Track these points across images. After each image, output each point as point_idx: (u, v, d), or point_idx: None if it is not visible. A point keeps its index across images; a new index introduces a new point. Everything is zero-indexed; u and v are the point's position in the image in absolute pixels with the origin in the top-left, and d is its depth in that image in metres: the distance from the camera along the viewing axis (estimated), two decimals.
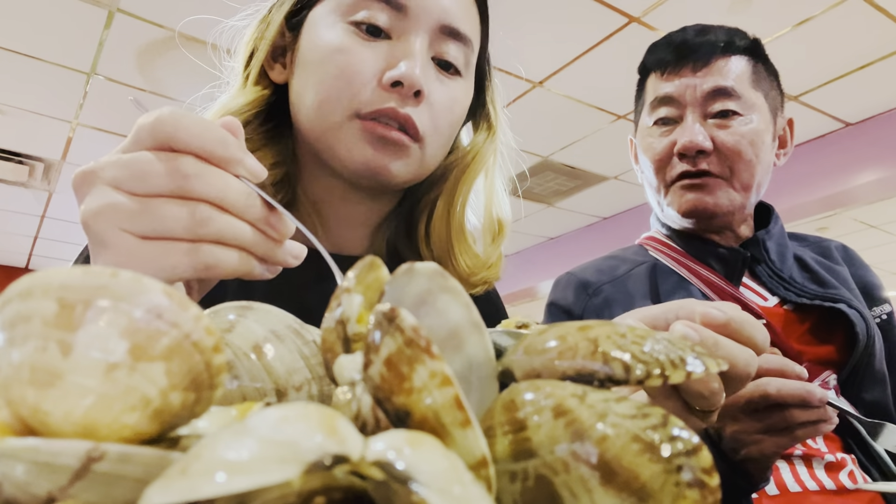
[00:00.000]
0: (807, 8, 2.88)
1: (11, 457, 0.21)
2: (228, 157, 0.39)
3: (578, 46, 3.16)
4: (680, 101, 0.95)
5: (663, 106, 0.97)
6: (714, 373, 0.27)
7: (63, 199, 4.59)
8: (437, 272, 0.32)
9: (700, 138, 0.92)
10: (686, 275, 0.97)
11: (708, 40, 0.95)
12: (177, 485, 0.17)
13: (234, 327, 0.37)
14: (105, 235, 0.37)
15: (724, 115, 0.94)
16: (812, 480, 0.81)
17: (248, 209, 0.40)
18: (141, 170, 0.37)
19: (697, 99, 0.94)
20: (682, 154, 0.94)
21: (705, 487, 0.22)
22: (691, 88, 0.94)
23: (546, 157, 4.33)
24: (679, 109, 0.96)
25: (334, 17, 0.63)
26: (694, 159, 0.94)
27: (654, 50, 1.02)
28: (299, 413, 0.20)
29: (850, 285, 0.98)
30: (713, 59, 0.94)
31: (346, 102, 0.61)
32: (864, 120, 3.95)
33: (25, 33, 2.89)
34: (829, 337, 0.91)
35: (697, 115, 0.94)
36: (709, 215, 0.96)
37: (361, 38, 0.62)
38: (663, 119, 0.98)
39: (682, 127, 0.95)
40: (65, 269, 0.24)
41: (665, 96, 0.96)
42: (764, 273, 0.96)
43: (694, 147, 0.92)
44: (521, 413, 0.26)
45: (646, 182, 1.03)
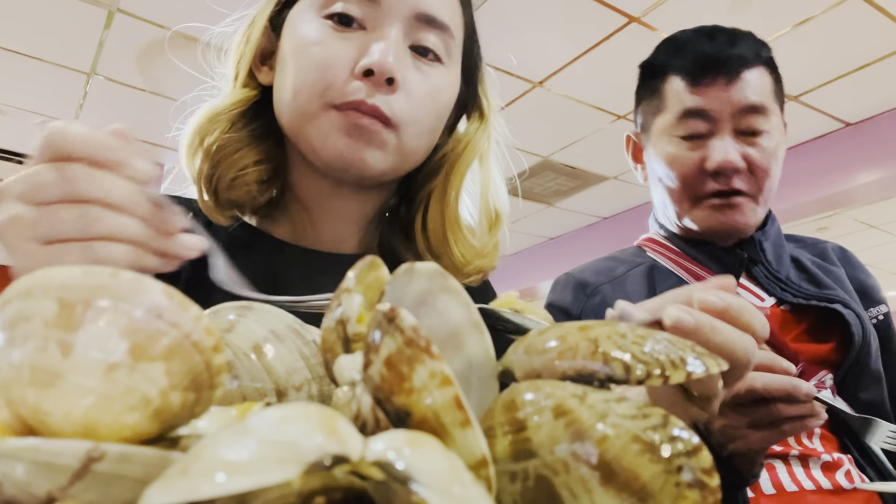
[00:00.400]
0: (807, 8, 2.88)
1: (11, 457, 0.21)
2: (115, 161, 0.41)
3: (578, 46, 3.16)
4: (712, 116, 0.92)
5: (694, 119, 0.93)
6: (714, 373, 0.27)
7: None
8: (437, 272, 0.32)
9: (735, 157, 0.90)
10: (684, 276, 0.97)
11: (740, 52, 0.92)
12: (177, 485, 0.17)
13: (234, 327, 0.37)
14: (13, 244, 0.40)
15: (753, 133, 0.92)
16: (809, 480, 0.81)
17: (134, 206, 0.42)
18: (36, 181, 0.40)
19: (730, 114, 0.91)
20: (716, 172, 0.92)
21: (705, 488, 0.23)
22: (726, 104, 0.91)
23: (546, 157, 4.33)
24: (710, 124, 0.93)
25: (310, 13, 0.64)
26: (727, 178, 0.92)
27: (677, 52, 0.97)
28: (299, 413, 0.20)
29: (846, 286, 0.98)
30: (743, 72, 0.92)
31: (319, 93, 0.61)
32: (864, 120, 3.95)
33: (25, 33, 2.89)
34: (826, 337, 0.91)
35: (729, 131, 0.92)
36: (737, 234, 0.96)
37: (335, 30, 0.62)
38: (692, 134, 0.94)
39: (716, 144, 0.92)
40: (65, 269, 0.24)
41: (696, 109, 0.93)
42: (760, 274, 0.96)
43: (731, 167, 0.90)
44: (521, 413, 0.26)
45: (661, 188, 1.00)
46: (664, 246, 1.03)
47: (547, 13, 2.90)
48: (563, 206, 5.18)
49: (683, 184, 0.95)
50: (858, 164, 3.93)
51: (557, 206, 5.17)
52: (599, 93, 3.57)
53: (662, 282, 0.98)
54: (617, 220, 5.34)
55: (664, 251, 1.02)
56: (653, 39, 3.24)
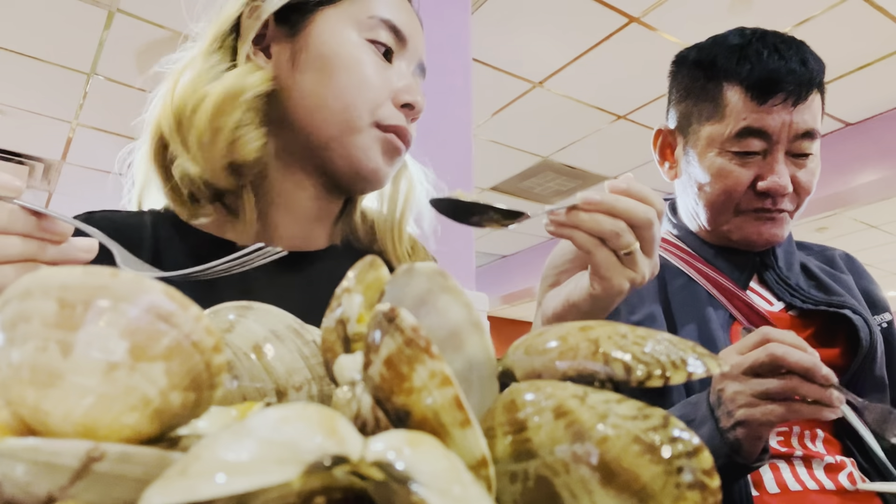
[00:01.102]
0: (807, 8, 2.88)
1: (11, 457, 0.21)
2: None
3: (578, 46, 3.16)
4: (772, 138, 0.90)
5: (752, 138, 0.91)
6: (715, 373, 0.27)
7: (63, 200, 4.59)
8: (437, 272, 0.32)
9: (787, 182, 0.90)
10: (694, 275, 0.97)
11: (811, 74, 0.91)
12: (177, 485, 0.17)
13: (234, 327, 0.37)
14: None
15: (804, 156, 0.92)
16: (812, 481, 0.81)
17: (12, 224, 0.43)
18: None
19: (788, 138, 0.90)
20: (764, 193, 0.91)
21: (706, 489, 0.22)
22: (787, 127, 0.89)
23: (546, 157, 4.34)
24: (766, 144, 0.91)
25: (350, 29, 0.68)
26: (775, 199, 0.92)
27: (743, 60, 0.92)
28: (299, 413, 0.20)
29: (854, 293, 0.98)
30: (810, 94, 0.90)
31: (369, 111, 0.67)
32: (864, 120, 3.95)
33: (25, 33, 2.89)
34: (833, 342, 0.92)
35: (783, 152, 0.91)
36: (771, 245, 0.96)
37: (379, 58, 0.69)
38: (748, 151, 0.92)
39: (770, 165, 0.90)
40: (64, 269, 0.24)
41: (759, 129, 0.90)
42: (771, 279, 0.97)
43: (783, 192, 0.90)
44: (521, 413, 0.26)
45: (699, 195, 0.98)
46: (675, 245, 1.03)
47: (547, 13, 2.90)
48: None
49: (728, 197, 0.94)
50: (858, 164, 3.93)
51: None
52: (599, 93, 3.57)
53: (672, 280, 0.97)
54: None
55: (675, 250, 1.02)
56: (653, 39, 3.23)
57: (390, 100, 0.68)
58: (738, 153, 0.91)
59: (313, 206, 0.73)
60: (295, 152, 0.70)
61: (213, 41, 0.69)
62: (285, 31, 0.69)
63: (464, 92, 2.13)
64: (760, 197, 0.92)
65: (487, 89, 3.45)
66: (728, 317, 0.92)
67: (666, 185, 1.04)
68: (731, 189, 0.92)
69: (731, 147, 0.92)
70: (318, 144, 0.68)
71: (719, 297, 0.93)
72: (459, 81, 2.10)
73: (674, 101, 1.02)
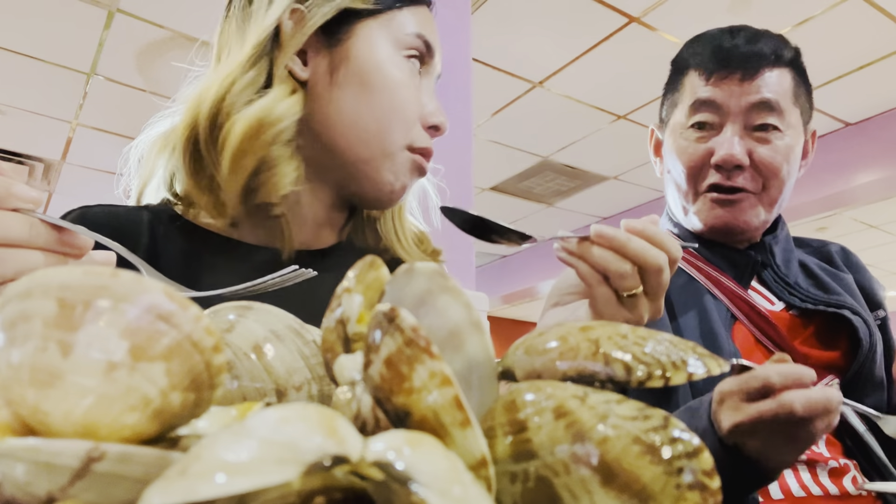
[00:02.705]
0: (807, 8, 2.88)
1: (11, 457, 0.21)
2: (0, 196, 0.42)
3: (578, 46, 3.16)
4: (722, 109, 0.92)
5: (704, 110, 0.94)
6: (715, 374, 0.27)
7: (63, 200, 4.59)
8: (437, 272, 0.32)
9: (739, 153, 0.90)
10: (696, 275, 0.97)
11: (759, 50, 0.92)
12: (177, 486, 0.17)
13: (234, 327, 0.37)
14: None
15: (763, 129, 0.92)
16: (816, 486, 0.81)
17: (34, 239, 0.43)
18: None
19: (741, 109, 0.91)
20: (718, 166, 0.92)
21: (706, 490, 0.22)
22: (736, 97, 0.91)
23: (546, 157, 4.33)
24: (720, 117, 0.93)
25: (389, 45, 0.67)
26: (729, 173, 0.92)
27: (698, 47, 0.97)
28: (299, 414, 0.20)
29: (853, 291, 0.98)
30: (762, 71, 0.91)
31: (403, 135, 0.67)
32: (864, 120, 3.95)
33: (25, 33, 2.89)
34: (833, 342, 0.91)
35: (738, 126, 0.92)
36: (736, 233, 0.96)
37: (414, 76, 0.69)
38: (701, 123, 0.94)
39: (722, 137, 0.92)
40: (65, 269, 0.24)
41: (707, 100, 0.93)
42: (770, 278, 0.96)
43: (732, 161, 0.90)
44: (521, 414, 0.26)
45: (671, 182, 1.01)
46: None
47: (547, 13, 2.90)
48: (562, 206, 5.18)
49: (688, 176, 0.96)
50: (858, 164, 3.93)
51: (557, 206, 5.17)
52: (599, 93, 3.57)
53: (674, 279, 0.96)
54: (617, 221, 5.31)
55: None
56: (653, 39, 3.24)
57: (419, 120, 0.69)
58: (694, 127, 0.95)
59: (327, 214, 0.73)
60: (318, 166, 0.69)
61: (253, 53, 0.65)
62: (325, 42, 0.66)
63: (464, 92, 2.13)
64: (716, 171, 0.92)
65: (487, 89, 3.45)
66: (730, 316, 0.92)
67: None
68: (689, 166, 0.95)
69: (687, 123, 0.95)
70: (346, 163, 0.67)
71: (721, 296, 0.93)
72: (459, 81, 2.10)
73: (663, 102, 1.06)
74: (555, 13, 2.90)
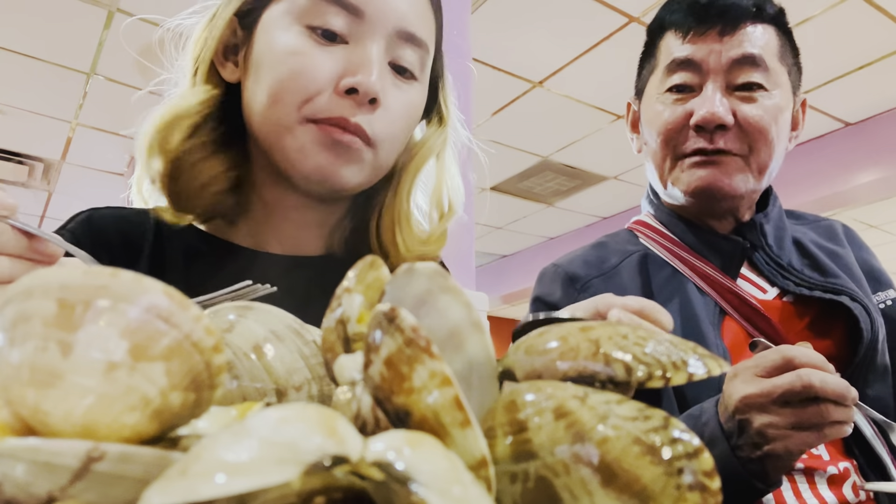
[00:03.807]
0: (807, 8, 2.88)
1: (11, 457, 0.21)
2: None
3: (578, 46, 3.16)
4: (701, 67, 0.85)
5: (681, 70, 0.86)
6: (716, 374, 0.27)
7: (63, 200, 4.59)
8: (437, 272, 0.32)
9: (721, 110, 0.82)
10: (680, 267, 0.91)
11: (737, 3, 0.85)
12: (176, 486, 0.17)
13: (234, 327, 0.37)
14: None
15: (748, 88, 0.85)
16: (814, 497, 0.77)
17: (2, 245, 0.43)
18: None
19: (722, 66, 0.84)
20: (699, 127, 0.84)
21: (706, 490, 0.22)
22: (716, 54, 0.84)
23: (546, 157, 4.33)
24: (699, 77, 0.85)
25: (289, 20, 0.62)
26: (712, 134, 0.84)
27: (673, 7, 0.90)
28: (299, 414, 0.20)
29: (853, 271, 0.92)
30: (742, 25, 0.84)
31: (298, 105, 0.60)
32: (864, 120, 3.95)
33: (25, 33, 2.89)
34: (830, 331, 0.86)
35: (720, 84, 0.84)
36: (721, 197, 0.87)
37: (317, 43, 0.61)
38: (679, 86, 0.87)
39: (702, 96, 0.84)
40: (65, 270, 0.24)
41: (685, 59, 0.85)
42: (762, 261, 0.90)
43: (714, 120, 0.82)
44: (522, 414, 0.26)
45: (648, 154, 0.93)
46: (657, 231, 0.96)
47: (547, 13, 2.90)
48: (562, 206, 5.18)
49: (666, 141, 0.88)
50: (858, 164, 3.93)
51: (557, 206, 5.17)
52: (599, 93, 3.57)
53: (657, 273, 0.91)
54: (617, 220, 5.34)
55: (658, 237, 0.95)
56: None
57: (332, 88, 0.60)
58: (672, 90, 0.88)
59: (301, 213, 0.70)
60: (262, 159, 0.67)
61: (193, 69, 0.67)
62: (245, 35, 0.66)
63: (464, 92, 2.13)
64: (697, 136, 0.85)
65: (487, 89, 3.45)
66: (718, 311, 0.86)
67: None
68: (667, 131, 0.87)
69: (664, 87, 0.89)
70: (265, 149, 0.65)
71: (708, 289, 0.87)
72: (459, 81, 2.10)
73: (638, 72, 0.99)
74: (555, 13, 2.90)
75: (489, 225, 5.53)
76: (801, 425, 0.63)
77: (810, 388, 0.61)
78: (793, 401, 0.63)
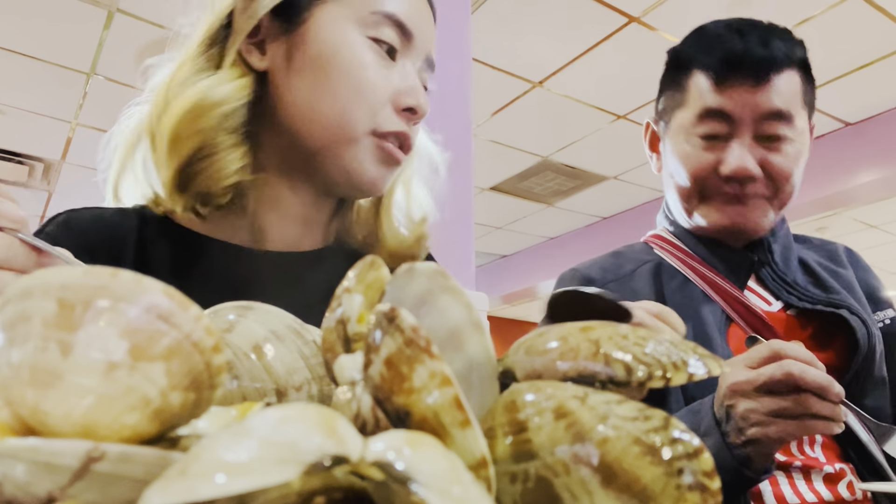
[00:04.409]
0: (807, 8, 2.88)
1: (11, 457, 0.21)
2: None
3: (578, 46, 3.16)
4: (732, 118, 0.88)
5: (712, 120, 0.89)
6: (716, 374, 0.27)
7: (63, 200, 4.59)
8: (437, 272, 0.32)
9: (751, 165, 0.87)
10: (691, 276, 0.95)
11: (771, 53, 0.88)
12: (176, 486, 0.17)
13: (234, 327, 0.37)
14: None
15: (775, 139, 0.89)
16: (811, 493, 0.80)
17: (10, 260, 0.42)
18: None
19: (752, 119, 0.88)
20: (729, 178, 0.89)
21: (706, 490, 0.22)
22: (748, 107, 0.87)
23: (546, 157, 4.33)
24: (729, 126, 0.89)
25: (351, 26, 0.63)
26: (741, 184, 0.89)
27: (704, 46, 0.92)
28: (298, 414, 0.20)
29: (854, 289, 0.96)
30: (772, 75, 0.87)
31: (366, 119, 0.63)
32: (864, 120, 3.95)
33: (25, 33, 2.89)
34: (831, 343, 0.90)
35: (748, 134, 0.89)
36: (746, 234, 0.94)
37: (380, 57, 0.64)
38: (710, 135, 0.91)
39: (732, 149, 0.89)
40: (65, 270, 0.24)
41: (717, 110, 0.89)
42: (768, 276, 0.95)
43: (745, 175, 0.88)
44: (522, 414, 0.26)
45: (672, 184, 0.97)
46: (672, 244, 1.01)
47: (547, 13, 2.90)
48: (562, 206, 5.18)
49: (694, 183, 0.93)
50: (858, 164, 3.93)
51: (557, 206, 5.17)
52: (599, 93, 3.57)
53: (669, 281, 0.96)
54: (617, 220, 5.34)
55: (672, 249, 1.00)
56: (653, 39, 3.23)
57: (391, 103, 0.64)
58: (702, 137, 0.91)
59: (307, 209, 0.70)
60: (289, 157, 0.67)
61: (204, 38, 0.65)
62: (282, 27, 0.64)
63: (464, 92, 2.13)
64: (726, 182, 0.90)
65: (487, 89, 3.45)
66: (725, 318, 0.91)
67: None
68: (695, 174, 0.92)
69: (695, 131, 0.92)
70: (311, 152, 0.65)
71: (716, 297, 0.92)
72: (459, 81, 2.10)
73: (661, 94, 1.02)
74: (555, 13, 2.90)
75: (489, 225, 5.53)
76: (781, 413, 0.66)
77: (790, 377, 0.65)
78: (776, 390, 0.67)
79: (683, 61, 0.96)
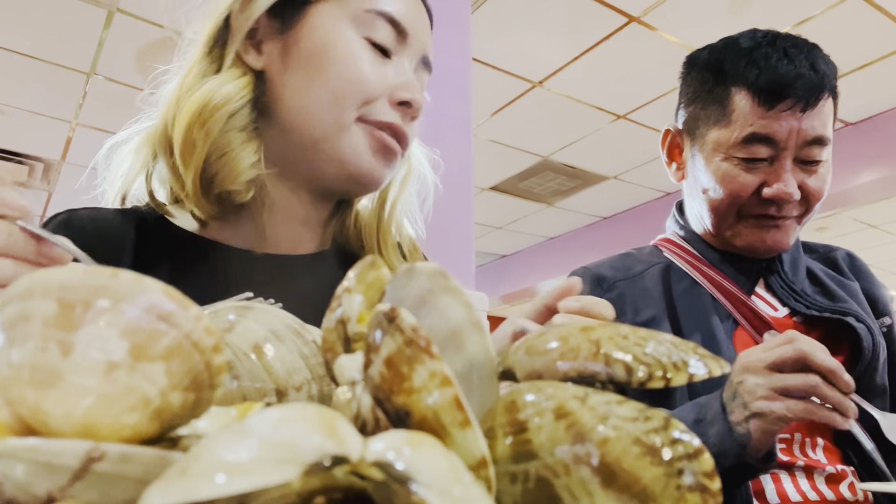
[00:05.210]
0: (807, 8, 2.88)
1: (11, 457, 0.21)
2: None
3: (578, 46, 3.16)
4: (778, 143, 0.88)
5: (759, 144, 0.89)
6: (716, 374, 0.27)
7: (63, 200, 4.59)
8: (437, 272, 0.32)
9: (794, 189, 0.89)
10: (699, 279, 0.96)
11: (821, 80, 0.88)
12: (176, 486, 0.17)
13: (234, 327, 0.37)
14: None
15: (813, 163, 0.91)
16: (813, 492, 0.81)
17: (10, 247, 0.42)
18: None
19: (797, 145, 0.88)
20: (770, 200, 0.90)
21: (706, 491, 0.22)
22: (794, 133, 0.87)
23: (546, 157, 4.33)
24: (773, 150, 0.89)
25: (344, 24, 0.64)
26: (781, 207, 0.91)
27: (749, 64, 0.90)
28: (298, 414, 0.20)
29: (859, 298, 0.98)
30: (822, 101, 0.88)
31: (356, 107, 0.64)
32: (864, 120, 3.95)
33: (25, 33, 2.89)
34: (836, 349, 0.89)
35: (790, 158, 0.89)
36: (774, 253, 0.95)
37: (376, 55, 0.65)
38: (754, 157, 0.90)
39: (776, 173, 0.89)
40: (65, 270, 0.24)
41: (765, 136, 0.88)
42: (777, 284, 0.96)
43: (788, 199, 0.89)
44: (522, 414, 0.26)
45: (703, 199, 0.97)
46: (681, 248, 1.02)
47: (547, 13, 2.90)
48: (562, 206, 5.18)
49: (732, 202, 0.93)
50: (858, 164, 3.93)
51: (557, 206, 5.17)
52: (599, 93, 3.57)
53: (678, 282, 0.97)
54: (616, 220, 5.34)
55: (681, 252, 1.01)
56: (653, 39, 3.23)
57: (386, 97, 0.65)
58: (745, 159, 0.90)
59: (305, 210, 0.71)
60: (288, 157, 0.67)
61: (206, 42, 0.66)
62: (278, 27, 0.65)
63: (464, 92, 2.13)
64: (765, 204, 0.91)
65: (487, 89, 3.45)
66: (732, 322, 0.91)
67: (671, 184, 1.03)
68: (735, 195, 0.91)
69: (737, 153, 0.90)
70: (306, 146, 0.65)
71: (724, 301, 0.93)
72: (459, 81, 2.10)
73: (683, 102, 1.01)
74: (555, 13, 2.90)
75: (489, 225, 5.53)
76: (788, 391, 0.68)
77: (801, 355, 0.68)
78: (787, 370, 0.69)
79: (723, 76, 0.93)
